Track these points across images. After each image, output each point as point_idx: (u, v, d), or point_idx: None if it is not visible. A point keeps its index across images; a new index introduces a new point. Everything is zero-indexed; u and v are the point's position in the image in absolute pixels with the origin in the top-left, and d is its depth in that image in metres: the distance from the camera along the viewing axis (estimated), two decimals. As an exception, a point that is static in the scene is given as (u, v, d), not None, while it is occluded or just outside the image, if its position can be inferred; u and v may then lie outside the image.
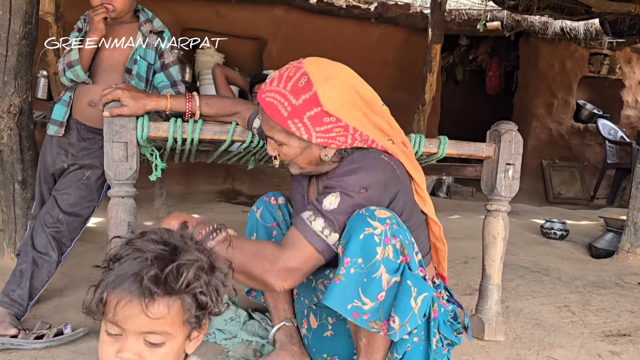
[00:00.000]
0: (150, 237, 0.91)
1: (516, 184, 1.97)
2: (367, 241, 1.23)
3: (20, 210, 2.34)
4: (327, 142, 1.34)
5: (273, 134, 1.38)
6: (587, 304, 2.49)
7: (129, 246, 0.90)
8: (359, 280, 1.22)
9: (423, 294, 1.25)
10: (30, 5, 2.19)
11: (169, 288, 0.85)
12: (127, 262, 0.87)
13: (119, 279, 0.85)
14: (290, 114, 1.31)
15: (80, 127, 1.98)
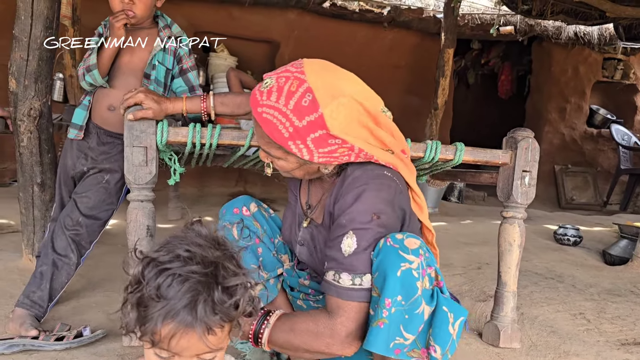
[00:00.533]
0: (180, 255, 0.88)
1: (532, 191, 1.96)
2: (406, 278, 1.17)
3: (38, 212, 2.37)
4: (329, 160, 1.26)
5: (269, 149, 1.29)
6: (602, 311, 2.47)
7: (164, 271, 0.87)
8: (400, 318, 1.17)
9: (459, 319, 1.22)
10: (51, 11, 2.22)
11: (225, 317, 0.87)
12: (172, 292, 0.85)
13: (171, 311, 0.84)
14: (292, 135, 1.21)
15: (99, 132, 2.01)
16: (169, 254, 0.89)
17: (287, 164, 1.29)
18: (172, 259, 0.88)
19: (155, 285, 0.86)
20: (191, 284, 0.85)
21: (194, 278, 0.86)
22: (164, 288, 0.85)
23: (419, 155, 1.90)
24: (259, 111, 1.23)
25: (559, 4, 5.54)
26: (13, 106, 2.28)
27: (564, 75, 6.96)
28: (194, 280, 0.86)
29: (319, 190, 1.45)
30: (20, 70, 2.23)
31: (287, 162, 1.29)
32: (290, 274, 1.59)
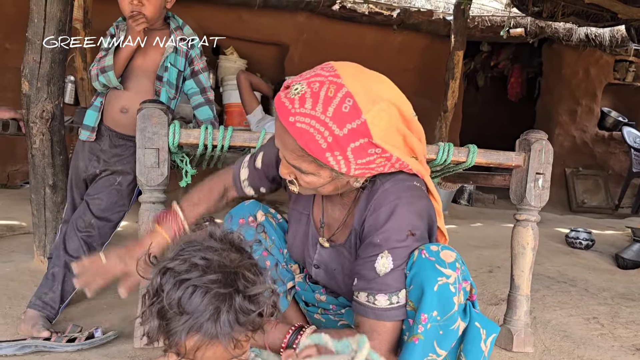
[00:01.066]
0: (197, 264, 0.87)
1: (546, 193, 1.94)
2: (443, 293, 1.13)
3: (50, 213, 2.38)
4: (364, 173, 1.16)
5: (299, 164, 1.14)
6: (616, 316, 2.44)
7: (182, 282, 0.86)
8: (435, 334, 1.14)
9: (492, 336, 1.20)
10: (64, 14, 2.23)
11: (250, 325, 0.87)
12: (194, 304, 0.84)
13: (195, 325, 0.84)
14: (331, 146, 1.08)
15: (111, 134, 2.02)
16: (186, 263, 0.88)
17: (318, 179, 1.15)
18: (189, 269, 0.87)
19: (175, 299, 0.85)
20: (212, 295, 0.85)
21: (215, 289, 0.85)
22: (185, 301, 0.84)
23: (432, 157, 1.89)
24: (292, 121, 1.07)
25: (569, 6, 5.51)
26: (25, 108, 2.29)
27: (574, 78, 6.91)
28: (214, 291, 0.85)
29: (336, 207, 1.34)
30: (33, 72, 2.24)
31: (318, 177, 1.15)
32: (303, 287, 1.52)
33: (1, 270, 2.43)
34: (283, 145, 1.14)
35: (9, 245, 2.87)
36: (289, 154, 1.14)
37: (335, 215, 1.35)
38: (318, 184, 1.17)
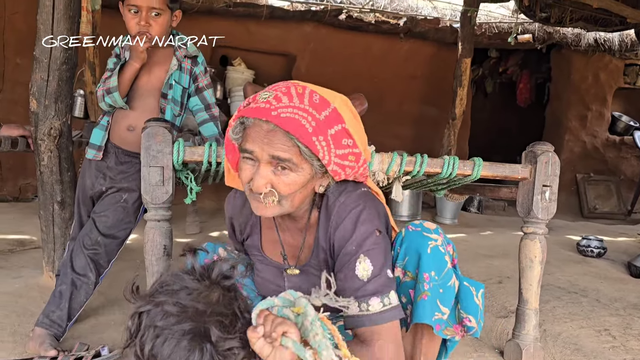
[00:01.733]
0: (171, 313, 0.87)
1: (553, 206, 1.93)
2: (436, 253, 1.27)
3: (59, 230, 2.40)
4: (337, 171, 1.20)
5: (291, 156, 1.14)
6: (628, 327, 2.41)
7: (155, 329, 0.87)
8: (436, 292, 1.27)
9: (480, 291, 1.37)
10: (70, 32, 2.26)
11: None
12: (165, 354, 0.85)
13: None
14: (315, 130, 1.13)
15: (118, 151, 2.03)
16: (159, 308, 0.88)
17: (298, 177, 1.17)
18: (162, 316, 0.87)
19: (147, 347, 0.86)
20: (182, 347, 0.85)
21: (185, 340, 0.85)
22: (156, 350, 0.86)
23: (437, 171, 1.88)
24: (275, 114, 1.10)
25: (577, 11, 5.47)
26: (34, 126, 2.32)
27: (584, 83, 6.85)
28: (184, 343, 0.85)
29: (292, 233, 1.37)
30: (41, 90, 2.27)
31: (298, 175, 1.17)
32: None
33: (11, 286, 2.45)
34: (270, 143, 1.14)
35: (19, 261, 2.90)
36: (275, 146, 1.14)
37: (294, 242, 1.38)
38: (295, 185, 1.18)
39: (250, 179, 1.18)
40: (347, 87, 5.37)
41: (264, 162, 1.16)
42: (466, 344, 2.10)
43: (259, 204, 1.20)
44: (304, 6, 5.48)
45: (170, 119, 2.05)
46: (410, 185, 2.28)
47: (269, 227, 1.41)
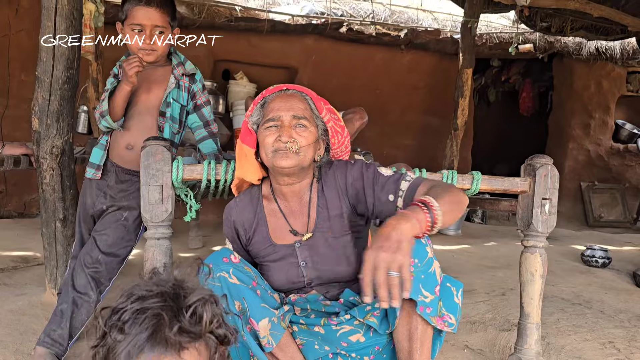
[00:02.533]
0: (137, 295, 0.89)
1: (553, 219, 1.92)
2: (418, 243, 1.38)
3: (61, 247, 2.41)
4: (332, 134, 1.65)
5: (303, 114, 1.56)
6: (633, 339, 2.39)
7: (125, 312, 0.87)
8: (419, 277, 1.40)
9: (460, 290, 1.53)
10: (72, 52, 2.28)
11: (193, 334, 0.87)
12: (134, 327, 0.85)
13: (136, 345, 0.84)
14: (318, 98, 1.63)
15: (118, 170, 2.05)
16: (127, 299, 0.89)
17: (310, 134, 1.56)
18: (130, 301, 0.88)
19: (117, 328, 0.86)
20: (150, 313, 0.86)
21: (153, 308, 0.86)
22: (127, 327, 0.86)
23: (435, 185, 1.89)
24: (291, 86, 1.63)
25: (578, 20, 5.49)
26: (36, 144, 2.34)
27: (586, 91, 6.85)
28: (152, 310, 0.86)
29: (296, 213, 1.65)
30: (43, 109, 2.29)
31: (311, 132, 1.56)
32: (303, 302, 1.63)
33: (14, 303, 2.45)
34: (291, 106, 1.56)
35: (23, 278, 2.91)
36: (299, 108, 1.57)
37: (299, 219, 1.65)
38: (309, 140, 1.55)
39: (275, 139, 1.53)
40: (350, 98, 5.41)
41: (285, 122, 1.54)
42: (468, 357, 2.09)
43: (284, 154, 1.52)
44: (305, 20, 5.52)
45: (169, 137, 2.06)
46: (410, 199, 2.28)
47: (273, 214, 1.66)
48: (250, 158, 1.63)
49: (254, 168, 1.65)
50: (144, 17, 1.96)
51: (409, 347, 1.47)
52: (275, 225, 1.66)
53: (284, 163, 1.52)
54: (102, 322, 0.89)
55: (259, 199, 1.69)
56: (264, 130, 1.57)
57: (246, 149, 1.63)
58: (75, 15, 2.28)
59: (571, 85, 6.83)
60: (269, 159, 1.56)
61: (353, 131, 2.65)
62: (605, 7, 4.87)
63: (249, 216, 1.67)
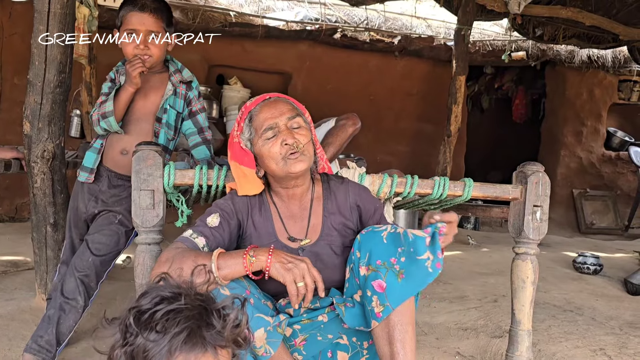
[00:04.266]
0: (165, 297, 0.90)
1: (544, 226, 1.93)
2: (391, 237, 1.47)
3: (51, 252, 2.39)
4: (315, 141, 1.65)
5: (294, 114, 1.57)
6: (623, 346, 2.39)
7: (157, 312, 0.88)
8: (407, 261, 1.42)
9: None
10: (64, 56, 2.28)
11: (227, 336, 0.90)
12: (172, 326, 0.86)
13: (174, 344, 0.85)
14: (295, 101, 1.65)
15: (110, 175, 2.04)
16: (152, 299, 0.90)
17: (306, 133, 1.57)
18: (158, 302, 0.90)
19: (149, 328, 0.87)
20: (185, 314, 0.88)
21: (187, 309, 0.88)
22: (160, 327, 0.86)
23: (427, 192, 1.89)
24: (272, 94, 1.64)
25: (571, 29, 5.54)
26: (27, 148, 2.32)
27: (579, 99, 6.90)
28: (187, 311, 0.88)
29: (295, 209, 1.65)
30: (35, 113, 2.28)
31: (305, 134, 1.56)
32: (298, 313, 1.58)
33: (3, 308, 2.43)
34: (281, 111, 1.55)
35: (13, 283, 2.89)
36: (288, 110, 1.56)
37: (297, 212, 1.65)
38: (307, 137, 1.56)
39: (280, 147, 1.52)
40: (343, 104, 5.42)
41: (282, 127, 1.54)
42: (460, 365, 2.09)
43: (295, 158, 1.52)
44: (299, 26, 5.53)
45: (163, 143, 2.06)
46: (403, 205, 2.28)
47: (277, 220, 1.64)
48: (252, 177, 1.60)
49: (256, 184, 1.61)
50: (137, 22, 1.96)
51: (390, 351, 1.43)
52: (277, 226, 1.64)
53: (298, 167, 1.52)
54: (131, 321, 0.88)
55: (265, 195, 1.66)
56: (264, 143, 1.54)
57: (246, 170, 1.59)
58: (68, 19, 2.28)
59: (563, 92, 6.88)
60: (280, 168, 1.53)
61: (346, 137, 2.65)
62: (597, 16, 4.92)
63: (256, 205, 1.64)
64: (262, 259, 1.36)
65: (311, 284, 1.36)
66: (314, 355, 1.56)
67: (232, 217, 1.59)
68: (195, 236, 1.50)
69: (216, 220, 1.56)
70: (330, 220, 1.64)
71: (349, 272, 1.56)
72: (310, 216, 1.64)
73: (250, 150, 1.59)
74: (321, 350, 1.56)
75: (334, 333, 1.56)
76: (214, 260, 1.35)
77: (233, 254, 1.39)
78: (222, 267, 1.35)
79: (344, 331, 1.55)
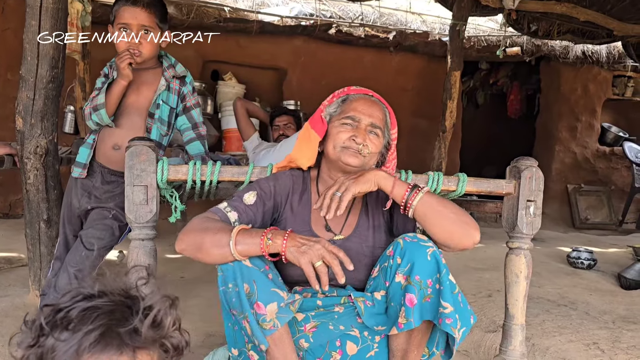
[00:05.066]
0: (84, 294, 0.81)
1: (538, 220, 1.93)
2: (434, 257, 1.46)
3: (45, 248, 2.39)
4: (392, 150, 1.76)
5: (379, 124, 1.64)
6: (617, 340, 2.41)
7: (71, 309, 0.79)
8: (436, 291, 1.44)
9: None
10: (57, 51, 2.27)
11: (149, 337, 0.80)
12: (85, 325, 0.77)
13: (87, 343, 0.76)
14: (392, 113, 1.74)
15: (104, 171, 2.03)
16: (72, 298, 0.81)
17: (378, 143, 1.64)
18: (76, 300, 0.80)
19: (62, 327, 0.77)
20: (102, 311, 0.78)
21: (105, 307, 0.79)
22: (74, 325, 0.77)
23: (421, 187, 1.89)
24: (376, 95, 1.71)
25: (565, 24, 5.54)
26: (20, 144, 2.31)
27: (573, 94, 6.91)
28: (104, 308, 0.79)
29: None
30: (27, 109, 2.27)
31: (379, 142, 1.64)
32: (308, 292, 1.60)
33: (-3, 305, 2.43)
34: (372, 113, 1.62)
35: (7, 279, 2.88)
36: (378, 117, 1.64)
37: (337, 218, 1.63)
38: (378, 149, 1.65)
39: (349, 137, 1.58)
40: (338, 100, 5.42)
41: (362, 125, 1.60)
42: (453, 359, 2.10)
43: (354, 153, 1.58)
44: (293, 21, 5.52)
45: (157, 139, 2.05)
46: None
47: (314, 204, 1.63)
48: (314, 144, 1.66)
49: (311, 154, 1.67)
50: (130, 17, 1.95)
51: (406, 347, 1.53)
52: (314, 215, 1.67)
53: (351, 161, 1.58)
54: (42, 320, 0.78)
55: (308, 182, 1.71)
56: (339, 125, 1.62)
57: (313, 134, 1.65)
58: (61, 14, 2.27)
59: (558, 88, 6.90)
60: (336, 152, 1.60)
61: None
62: (591, 12, 4.92)
63: (298, 190, 1.67)
64: (278, 242, 1.39)
65: (332, 260, 1.37)
66: (321, 344, 1.55)
67: (269, 199, 1.62)
68: (229, 209, 1.55)
69: (252, 199, 1.59)
70: (367, 218, 1.68)
71: (377, 271, 1.59)
72: (349, 215, 1.68)
73: (326, 123, 1.67)
74: (330, 339, 1.56)
75: (346, 325, 1.56)
76: (233, 236, 1.39)
77: (253, 233, 1.41)
78: (239, 243, 1.39)
79: (357, 325, 1.56)
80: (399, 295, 1.47)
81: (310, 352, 1.55)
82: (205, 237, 1.42)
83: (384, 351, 1.59)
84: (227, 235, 1.40)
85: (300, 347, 1.54)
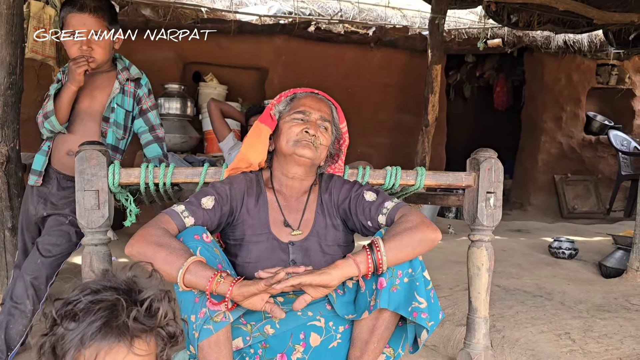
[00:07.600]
0: (90, 288, 0.93)
1: (498, 212, 1.92)
2: None
3: (11, 257, 2.35)
4: (339, 141, 1.79)
5: (328, 118, 1.70)
6: (589, 330, 2.40)
7: (79, 302, 0.91)
8: (412, 285, 1.49)
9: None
10: (13, 57, 2.24)
11: (146, 325, 0.92)
12: (89, 316, 0.89)
13: (90, 332, 0.87)
14: (339, 109, 1.80)
15: (59, 177, 2.01)
16: (81, 292, 0.93)
17: (328, 137, 1.69)
18: (84, 294, 0.92)
19: (70, 317, 0.89)
20: (105, 304, 0.89)
21: (107, 300, 0.90)
22: (80, 316, 0.89)
23: (379, 182, 1.88)
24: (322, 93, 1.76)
25: (545, 14, 5.53)
26: (-20, 152, 2.29)
27: (557, 84, 6.90)
28: (107, 302, 0.90)
29: (292, 204, 1.71)
30: (-14, 117, 2.24)
31: (329, 136, 1.69)
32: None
33: (-35, 316, 2.41)
34: (320, 108, 1.69)
35: (-21, 289, 2.85)
36: (326, 112, 1.70)
37: (293, 205, 1.70)
38: (328, 142, 1.69)
39: (301, 130, 1.62)
40: (319, 98, 5.39)
41: (313, 119, 1.66)
42: (421, 354, 2.09)
43: (307, 144, 1.61)
44: (272, 20, 5.50)
45: (113, 143, 2.03)
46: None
47: (270, 204, 1.68)
48: (264, 137, 1.68)
49: (262, 147, 1.69)
50: (78, 23, 1.93)
51: (368, 338, 1.55)
52: (271, 215, 1.68)
53: (305, 152, 1.61)
54: (54, 311, 0.91)
55: (262, 184, 1.72)
56: (290, 120, 1.66)
57: (264, 127, 1.69)
58: (16, 20, 2.24)
59: (542, 78, 6.89)
60: (289, 146, 1.63)
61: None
62: (570, 1, 4.91)
63: (252, 193, 1.68)
64: (224, 288, 1.36)
65: (269, 307, 1.40)
66: (284, 331, 1.56)
67: (226, 203, 1.62)
68: (186, 215, 1.55)
69: (211, 203, 1.59)
70: (323, 216, 1.70)
71: None
72: (305, 209, 1.70)
73: (276, 119, 1.71)
74: (293, 332, 1.56)
75: (314, 312, 1.58)
76: (186, 265, 1.38)
77: (207, 269, 1.39)
78: (190, 272, 1.37)
79: (325, 313, 1.59)
80: (372, 280, 1.51)
81: (274, 340, 1.55)
82: (158, 253, 1.40)
83: (347, 343, 1.60)
84: (180, 260, 1.38)
85: (265, 333, 1.54)
